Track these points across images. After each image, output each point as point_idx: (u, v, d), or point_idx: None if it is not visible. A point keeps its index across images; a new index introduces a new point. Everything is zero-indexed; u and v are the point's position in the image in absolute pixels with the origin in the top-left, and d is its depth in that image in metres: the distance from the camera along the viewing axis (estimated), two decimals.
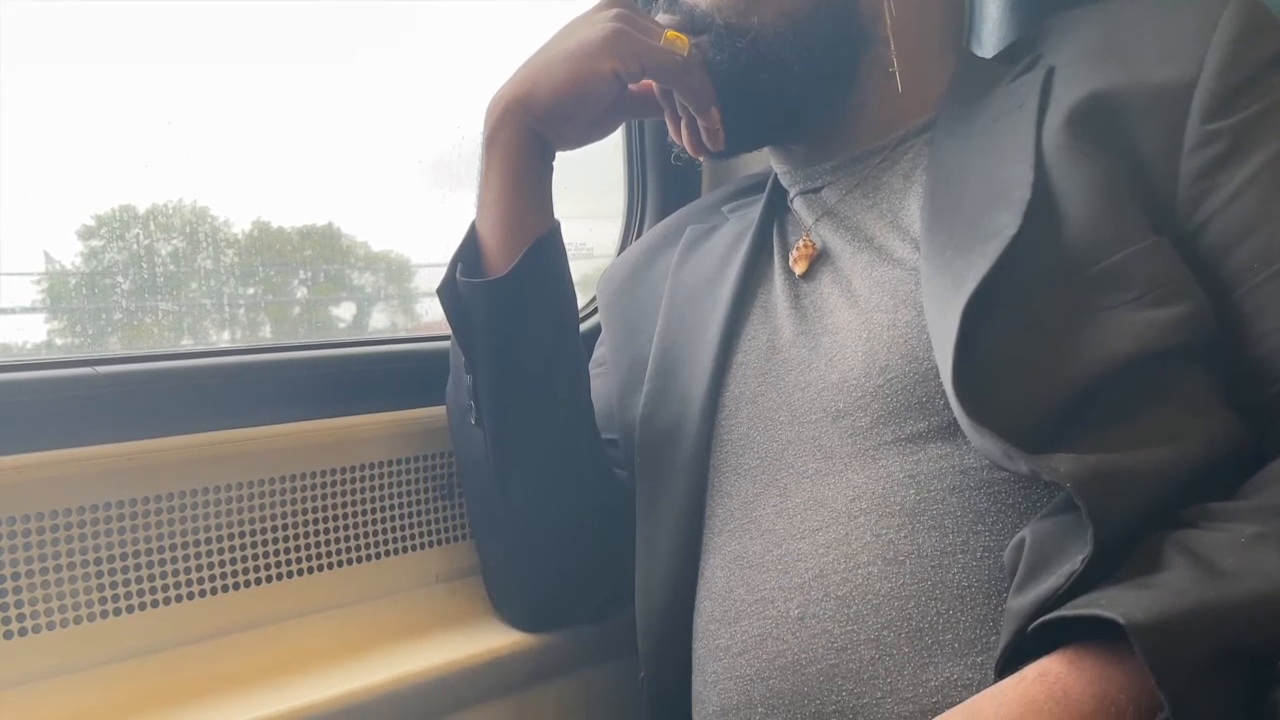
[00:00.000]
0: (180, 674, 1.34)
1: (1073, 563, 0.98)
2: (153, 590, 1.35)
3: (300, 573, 1.47)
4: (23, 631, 1.26)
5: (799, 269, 1.37)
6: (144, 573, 1.34)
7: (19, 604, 1.26)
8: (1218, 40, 1.18)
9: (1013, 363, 1.09)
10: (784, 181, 1.48)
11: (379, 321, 2.15)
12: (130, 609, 1.33)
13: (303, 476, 1.48)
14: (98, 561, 1.31)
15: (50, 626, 1.28)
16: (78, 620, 1.29)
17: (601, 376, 1.58)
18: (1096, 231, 1.14)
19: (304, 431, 1.47)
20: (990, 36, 1.62)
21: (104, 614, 1.31)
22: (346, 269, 2.04)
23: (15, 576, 1.25)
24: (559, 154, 1.45)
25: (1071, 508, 1.01)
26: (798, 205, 1.44)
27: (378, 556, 1.55)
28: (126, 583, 1.33)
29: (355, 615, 1.51)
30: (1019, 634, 0.99)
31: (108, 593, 1.32)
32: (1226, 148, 1.16)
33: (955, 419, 1.12)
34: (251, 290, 1.92)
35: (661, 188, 2.04)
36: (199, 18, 1.67)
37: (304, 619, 1.46)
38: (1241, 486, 1.05)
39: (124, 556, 1.33)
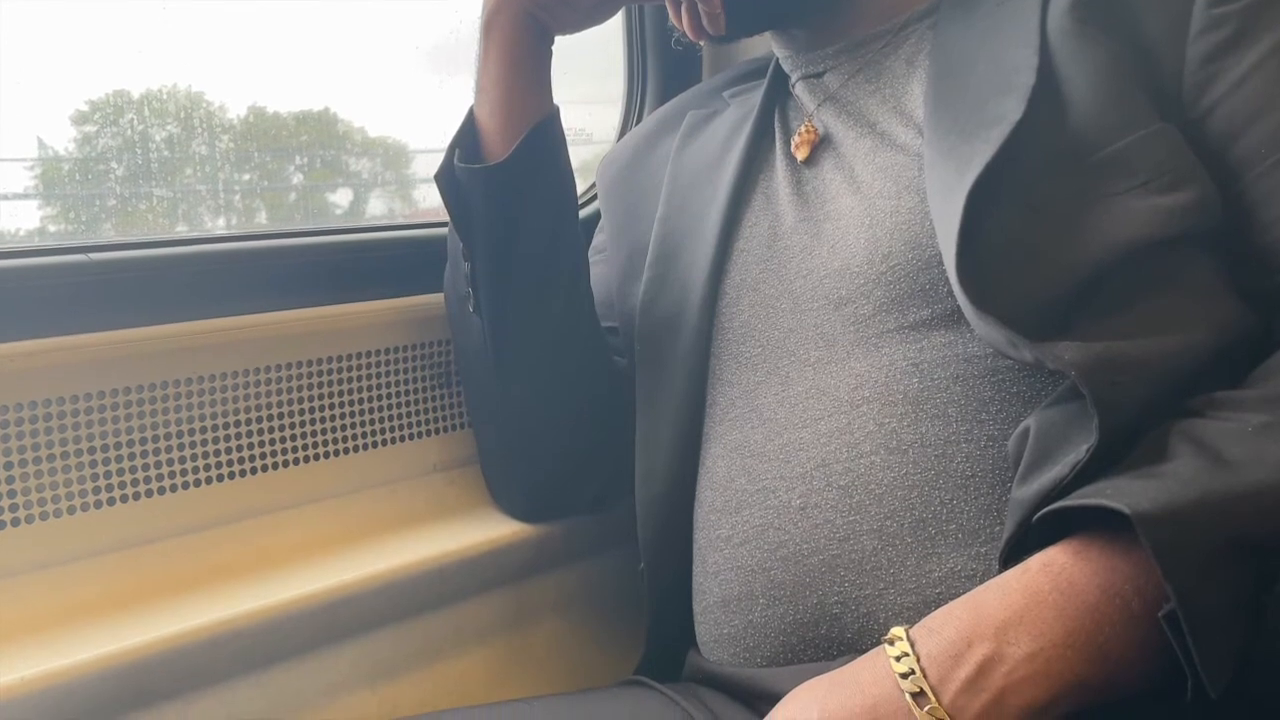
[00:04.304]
0: (176, 564, 1.34)
1: (1077, 452, 0.97)
2: (147, 480, 1.35)
3: (296, 462, 1.47)
4: (15, 522, 1.25)
5: (801, 155, 1.36)
6: (137, 462, 1.34)
7: (11, 494, 1.25)
8: None
9: (1017, 249, 1.08)
10: (786, 66, 1.46)
11: (376, 208, 2.15)
12: (124, 498, 1.33)
13: (299, 365, 1.47)
14: (90, 451, 1.30)
15: (44, 517, 1.27)
16: (71, 510, 1.29)
17: (601, 263, 1.58)
18: (1101, 117, 1.12)
19: (300, 319, 1.46)
20: None
21: (98, 504, 1.31)
22: (343, 155, 2.03)
23: (7, 466, 1.25)
24: (558, 38, 1.43)
25: (1076, 396, 1.00)
26: (800, 90, 1.42)
27: (375, 445, 1.55)
28: (120, 472, 1.32)
29: (352, 505, 1.51)
30: (1023, 524, 0.99)
31: (101, 482, 1.31)
32: (1233, 32, 1.13)
33: (959, 306, 1.10)
34: (247, 176, 1.91)
35: (662, 72, 2.02)
36: None
37: (300, 508, 1.47)
38: (1248, 375, 1.04)
39: (117, 446, 1.32)
